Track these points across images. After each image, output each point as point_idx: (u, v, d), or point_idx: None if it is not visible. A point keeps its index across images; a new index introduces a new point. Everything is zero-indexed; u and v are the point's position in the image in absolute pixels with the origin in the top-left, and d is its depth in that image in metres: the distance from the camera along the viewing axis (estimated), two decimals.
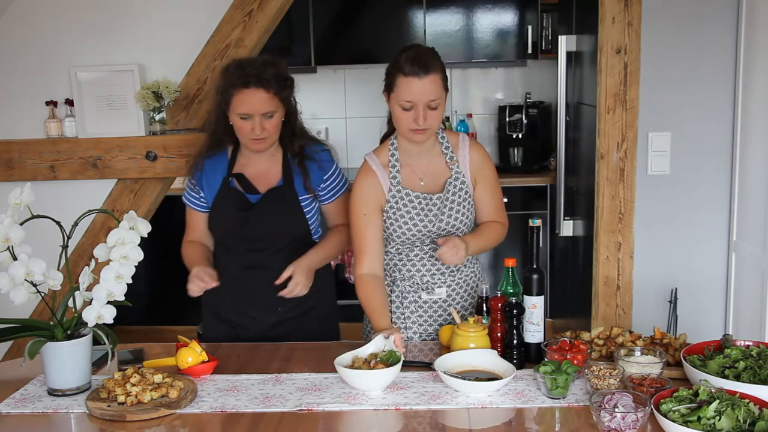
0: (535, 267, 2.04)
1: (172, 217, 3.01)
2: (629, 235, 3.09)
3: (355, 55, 4.94)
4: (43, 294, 1.88)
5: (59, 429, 1.81)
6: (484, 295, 2.13)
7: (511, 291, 2.08)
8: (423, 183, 2.31)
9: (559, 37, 3.80)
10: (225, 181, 2.37)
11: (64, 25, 3.37)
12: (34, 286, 1.87)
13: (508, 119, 4.88)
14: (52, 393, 1.90)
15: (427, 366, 2.01)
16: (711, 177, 3.06)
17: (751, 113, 2.90)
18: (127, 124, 3.41)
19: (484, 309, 2.11)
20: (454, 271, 2.35)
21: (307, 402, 1.83)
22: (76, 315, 1.90)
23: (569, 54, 3.76)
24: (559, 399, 1.81)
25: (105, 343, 1.87)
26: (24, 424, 1.79)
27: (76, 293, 1.90)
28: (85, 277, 1.92)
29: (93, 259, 1.92)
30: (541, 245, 2.11)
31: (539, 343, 2.03)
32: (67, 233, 1.88)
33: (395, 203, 2.28)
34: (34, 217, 1.87)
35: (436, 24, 4.80)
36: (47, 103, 3.43)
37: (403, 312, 2.35)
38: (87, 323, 1.85)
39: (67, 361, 1.87)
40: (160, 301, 4.42)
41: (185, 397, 1.83)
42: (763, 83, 2.80)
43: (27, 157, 3.43)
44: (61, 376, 1.88)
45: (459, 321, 2.07)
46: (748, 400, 1.60)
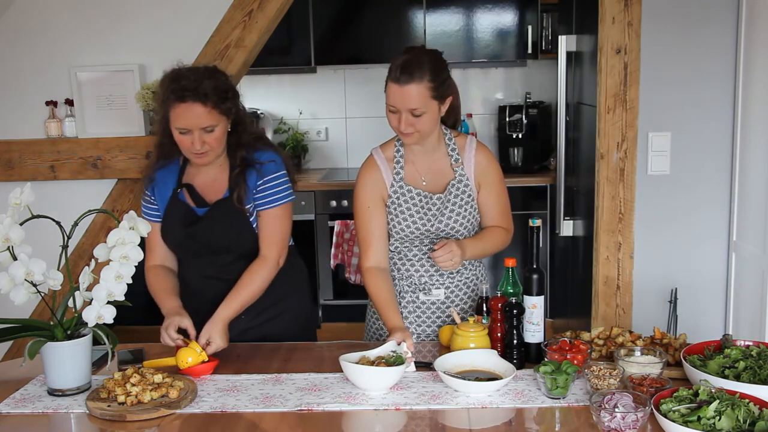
0: (535, 267, 2.04)
1: None
2: (629, 235, 3.09)
3: (355, 55, 4.94)
4: (43, 294, 1.88)
5: (59, 429, 1.81)
6: (484, 295, 2.13)
7: (511, 291, 2.08)
8: (425, 183, 2.31)
9: (559, 37, 3.80)
10: (174, 192, 2.29)
11: (64, 25, 3.37)
12: (34, 286, 1.87)
13: (508, 119, 4.88)
14: (52, 393, 1.90)
15: (427, 366, 2.01)
16: (711, 177, 3.06)
17: (751, 113, 2.90)
18: (127, 124, 3.41)
19: (484, 309, 2.11)
20: (453, 273, 2.34)
21: (307, 402, 1.83)
22: (76, 315, 1.90)
23: (569, 54, 3.76)
24: (559, 399, 1.81)
25: (105, 343, 1.87)
26: (24, 424, 1.79)
27: (76, 293, 1.90)
28: (85, 277, 1.92)
29: (93, 259, 1.92)
30: (541, 245, 2.11)
31: (539, 343, 2.03)
32: (67, 233, 1.88)
33: (396, 199, 2.28)
34: (34, 217, 1.87)
35: (436, 24, 4.80)
36: (47, 103, 3.43)
37: (400, 312, 2.35)
38: (87, 323, 1.85)
39: (67, 361, 1.87)
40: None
41: (185, 397, 1.83)
42: (763, 83, 2.80)
43: (27, 157, 3.43)
44: (61, 376, 1.88)
45: (459, 321, 2.07)
46: (748, 400, 1.60)
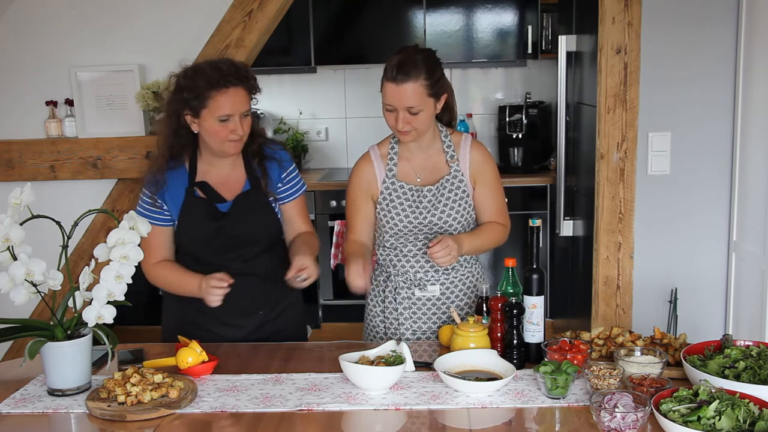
0: (535, 267, 2.04)
1: None
2: (629, 235, 3.09)
3: (355, 55, 4.94)
4: (43, 294, 1.88)
5: (59, 429, 1.81)
6: (484, 295, 2.13)
7: (511, 291, 2.08)
8: (420, 179, 2.33)
9: (559, 37, 3.80)
10: (189, 191, 2.27)
11: (64, 25, 3.38)
12: (34, 286, 1.87)
13: (508, 119, 4.88)
14: (52, 393, 1.90)
15: (427, 366, 2.01)
16: (711, 177, 3.06)
17: (751, 113, 2.90)
18: (127, 124, 3.41)
19: (484, 309, 2.11)
20: (448, 269, 2.35)
21: (307, 402, 1.83)
22: (76, 315, 1.90)
23: (569, 54, 3.76)
24: (559, 399, 1.81)
25: (105, 343, 1.87)
26: (24, 424, 1.79)
27: (76, 293, 1.90)
28: (85, 277, 1.91)
29: (93, 259, 1.92)
30: (541, 245, 2.11)
31: (539, 343, 2.03)
32: (67, 233, 1.88)
33: (388, 195, 2.31)
34: (34, 217, 1.87)
35: (436, 24, 4.80)
36: (47, 103, 3.43)
37: (396, 308, 2.36)
38: (87, 323, 1.84)
39: (67, 361, 1.87)
40: (160, 301, 4.42)
41: (185, 397, 1.83)
42: (763, 83, 2.80)
43: (27, 157, 3.43)
44: (61, 376, 1.88)
45: (459, 321, 2.07)
46: (748, 400, 1.59)
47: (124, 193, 3.48)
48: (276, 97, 5.20)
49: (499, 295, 2.09)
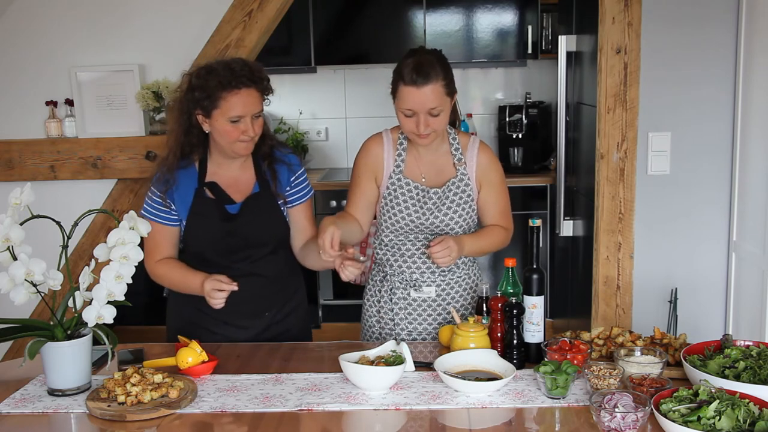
0: (535, 267, 2.04)
1: None
2: (629, 235, 3.09)
3: (355, 55, 4.94)
4: (43, 294, 1.88)
5: (59, 429, 1.81)
6: (484, 295, 2.13)
7: (511, 291, 2.08)
8: (425, 179, 2.32)
9: (559, 37, 3.80)
10: (198, 191, 2.26)
11: (64, 25, 3.38)
12: (34, 286, 1.87)
13: (508, 119, 4.89)
14: (52, 393, 1.90)
15: (427, 366, 2.01)
16: (711, 177, 3.06)
17: (751, 113, 2.90)
18: (127, 124, 3.41)
19: (484, 309, 2.11)
20: (445, 270, 2.35)
21: (307, 402, 1.83)
22: (76, 315, 1.90)
23: (569, 54, 3.76)
24: (559, 399, 1.81)
25: (105, 343, 1.87)
26: (24, 424, 1.79)
27: (76, 293, 1.90)
28: (85, 277, 1.91)
29: (93, 259, 1.92)
30: (541, 245, 2.11)
31: (539, 343, 2.03)
32: (67, 233, 1.88)
33: (393, 191, 2.30)
34: (34, 217, 1.87)
35: (436, 24, 4.80)
36: (47, 103, 3.43)
37: (391, 308, 2.36)
38: (87, 323, 1.84)
39: (67, 361, 1.87)
40: (160, 301, 4.42)
41: (185, 397, 1.83)
42: (763, 83, 2.80)
43: (27, 157, 3.43)
44: (61, 376, 1.88)
45: (459, 321, 2.07)
46: (748, 400, 1.60)
47: (124, 193, 3.48)
48: (276, 97, 5.16)
49: (499, 295, 2.09)
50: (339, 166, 5.30)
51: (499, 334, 2.05)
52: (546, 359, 1.90)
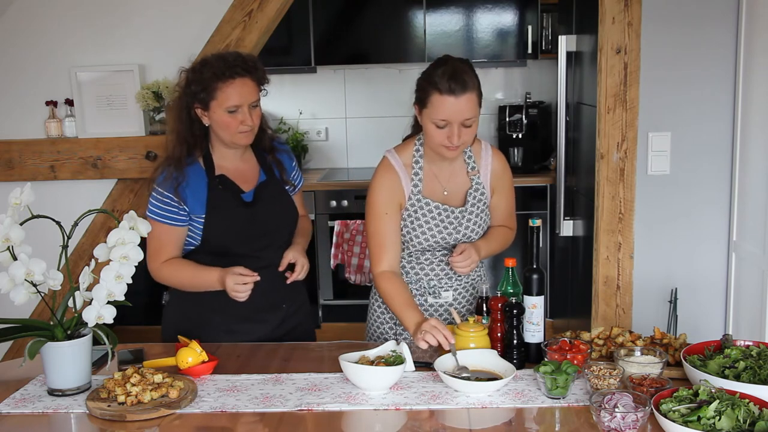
0: (535, 267, 2.04)
1: None
2: (629, 235, 3.09)
3: (355, 55, 4.94)
4: (43, 294, 1.88)
5: (59, 429, 1.81)
6: (484, 295, 2.13)
7: (511, 291, 2.08)
8: (447, 193, 2.28)
9: (559, 37, 3.80)
10: (211, 185, 2.25)
11: (64, 25, 3.38)
12: (34, 286, 1.87)
13: (508, 119, 4.88)
14: (52, 393, 1.90)
15: (427, 366, 2.01)
16: (711, 177, 3.06)
17: (751, 113, 2.90)
18: (127, 124, 3.42)
19: (484, 309, 2.11)
20: (461, 275, 2.35)
21: (307, 402, 1.83)
22: (76, 315, 1.90)
23: (569, 54, 3.76)
24: (559, 399, 1.81)
25: (105, 343, 1.87)
26: (24, 424, 1.79)
27: (76, 293, 1.90)
28: (85, 277, 1.91)
29: (93, 259, 1.92)
30: (541, 245, 2.11)
31: (539, 343, 2.03)
32: (67, 233, 1.88)
33: (414, 212, 2.25)
34: (34, 217, 1.87)
35: (436, 24, 4.80)
36: (47, 103, 3.43)
37: None
38: (87, 323, 1.85)
39: (67, 361, 1.87)
40: (160, 301, 4.43)
41: (185, 397, 1.83)
42: (763, 83, 2.80)
43: (27, 157, 3.43)
44: (61, 376, 1.88)
45: (459, 321, 2.07)
46: (748, 400, 1.60)
47: (124, 193, 3.48)
48: (276, 97, 5.19)
49: (499, 295, 2.09)
50: (339, 166, 5.30)
51: (499, 334, 2.05)
52: (546, 359, 1.90)
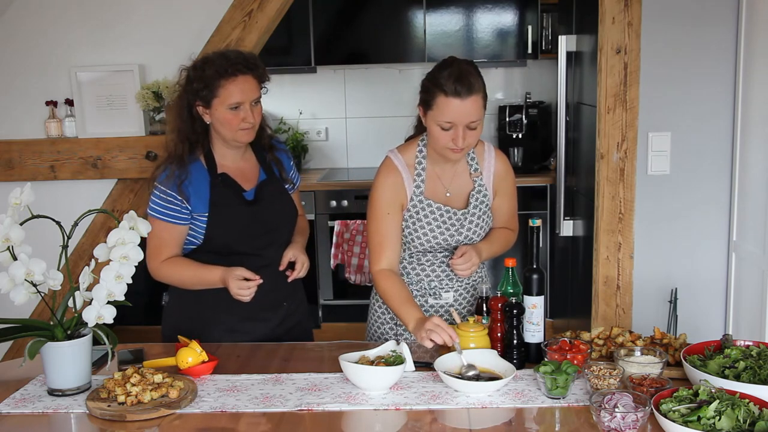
0: (535, 267, 2.04)
1: None
2: (629, 235, 3.09)
3: (355, 55, 4.94)
4: (43, 294, 1.88)
5: (59, 429, 1.81)
6: (484, 295, 2.13)
7: (511, 291, 2.08)
8: (449, 194, 2.27)
9: (559, 37, 3.80)
10: (214, 183, 2.25)
11: (64, 25, 3.38)
12: (34, 286, 1.87)
13: (508, 119, 4.88)
14: (52, 393, 1.90)
15: (427, 366, 2.01)
16: (711, 177, 3.06)
17: (751, 113, 2.90)
18: (127, 124, 3.42)
19: (484, 309, 2.11)
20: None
21: (307, 402, 1.83)
22: (76, 315, 1.90)
23: (569, 54, 3.76)
24: (559, 399, 1.81)
25: (105, 343, 1.87)
26: (24, 424, 1.79)
27: (76, 293, 1.90)
28: (85, 277, 1.91)
29: (93, 259, 1.92)
30: (541, 245, 2.11)
31: (539, 343, 2.03)
32: (67, 233, 1.88)
33: (416, 213, 2.25)
34: (34, 217, 1.87)
35: (436, 24, 4.80)
36: (47, 103, 3.43)
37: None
38: (87, 323, 1.85)
39: (67, 361, 1.87)
40: (160, 301, 4.43)
41: (185, 397, 1.83)
42: (763, 83, 2.80)
43: (27, 157, 3.43)
44: (61, 376, 1.88)
45: (459, 321, 2.07)
46: (748, 400, 1.60)
47: (124, 193, 3.48)
48: (276, 97, 5.20)
49: (499, 295, 2.09)
50: (339, 166, 5.30)
51: (499, 334, 2.05)
52: (546, 359, 1.90)
